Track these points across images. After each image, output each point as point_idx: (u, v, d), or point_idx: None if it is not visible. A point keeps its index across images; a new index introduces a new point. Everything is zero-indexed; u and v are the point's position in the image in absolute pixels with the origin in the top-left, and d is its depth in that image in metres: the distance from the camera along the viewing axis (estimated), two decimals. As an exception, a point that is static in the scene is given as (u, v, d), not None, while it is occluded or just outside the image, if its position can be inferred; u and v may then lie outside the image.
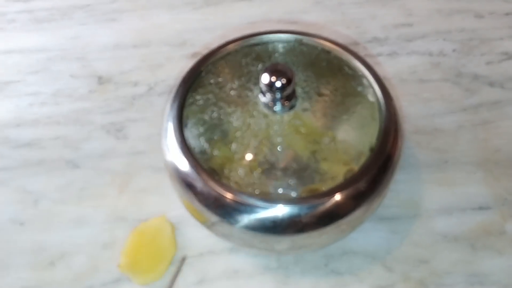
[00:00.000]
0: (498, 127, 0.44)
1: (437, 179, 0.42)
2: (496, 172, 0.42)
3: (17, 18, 0.55)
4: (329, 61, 0.37)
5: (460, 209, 0.40)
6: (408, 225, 0.40)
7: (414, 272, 0.38)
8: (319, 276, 0.38)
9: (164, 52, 0.51)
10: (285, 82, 0.32)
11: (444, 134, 0.44)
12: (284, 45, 0.38)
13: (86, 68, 0.50)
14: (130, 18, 0.54)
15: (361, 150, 0.33)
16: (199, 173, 0.32)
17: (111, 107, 0.47)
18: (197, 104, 0.35)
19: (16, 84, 0.50)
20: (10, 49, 0.52)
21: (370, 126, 0.34)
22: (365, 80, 0.36)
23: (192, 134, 0.34)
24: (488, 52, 0.49)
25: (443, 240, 0.39)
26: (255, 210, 0.31)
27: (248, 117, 0.34)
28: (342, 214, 0.32)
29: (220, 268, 0.38)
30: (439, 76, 0.48)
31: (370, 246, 0.39)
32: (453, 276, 0.37)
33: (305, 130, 0.34)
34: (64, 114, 0.47)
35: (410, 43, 0.50)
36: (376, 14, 0.53)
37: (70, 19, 0.54)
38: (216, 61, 0.37)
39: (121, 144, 0.45)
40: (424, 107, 0.46)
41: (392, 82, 0.47)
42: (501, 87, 0.47)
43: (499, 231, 0.39)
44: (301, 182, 0.32)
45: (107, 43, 0.52)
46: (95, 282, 0.38)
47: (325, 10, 0.53)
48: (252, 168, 0.33)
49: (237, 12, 0.54)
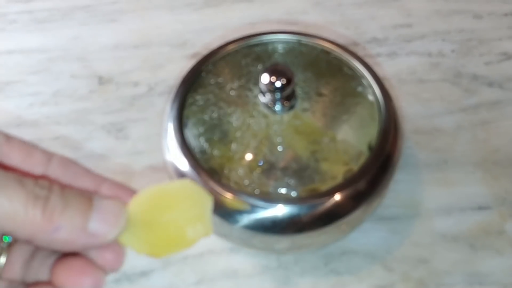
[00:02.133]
0: (497, 127, 0.44)
1: (437, 179, 0.42)
2: (495, 172, 0.42)
3: (17, 18, 0.55)
4: (328, 61, 0.37)
5: (460, 209, 0.40)
6: (407, 225, 0.40)
7: (414, 272, 0.38)
8: (319, 276, 0.38)
9: (164, 53, 0.51)
10: (285, 83, 0.32)
11: (444, 134, 0.44)
12: (284, 46, 0.38)
13: (86, 68, 0.50)
14: (130, 18, 0.54)
15: (360, 150, 0.33)
16: (199, 173, 0.32)
17: (111, 107, 0.47)
18: (197, 104, 0.36)
19: (16, 84, 0.50)
20: (11, 49, 0.52)
21: (370, 126, 0.34)
22: (364, 80, 0.36)
23: (192, 134, 0.34)
24: (487, 53, 0.49)
25: (443, 240, 0.39)
26: (255, 210, 0.31)
27: (248, 117, 0.34)
28: (342, 214, 0.32)
29: (219, 267, 0.38)
30: (438, 76, 0.48)
31: (370, 246, 0.39)
32: (453, 276, 0.37)
33: (304, 130, 0.34)
34: (64, 114, 0.47)
35: (409, 43, 0.50)
36: (375, 14, 0.53)
37: (71, 20, 0.54)
38: (216, 61, 0.37)
39: (121, 144, 0.45)
40: (423, 107, 0.46)
41: (391, 83, 0.47)
42: (500, 87, 0.47)
43: (499, 231, 0.39)
44: (300, 182, 0.32)
45: (108, 44, 0.52)
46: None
47: (324, 11, 0.53)
48: (252, 168, 0.33)
49: (237, 13, 0.54)
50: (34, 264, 0.24)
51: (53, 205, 0.21)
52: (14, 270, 0.24)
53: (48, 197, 0.21)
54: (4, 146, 0.24)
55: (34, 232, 0.20)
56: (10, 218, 0.20)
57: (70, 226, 0.21)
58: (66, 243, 0.21)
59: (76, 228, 0.21)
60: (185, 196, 0.25)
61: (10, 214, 0.20)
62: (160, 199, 0.25)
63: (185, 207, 0.25)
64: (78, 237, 0.21)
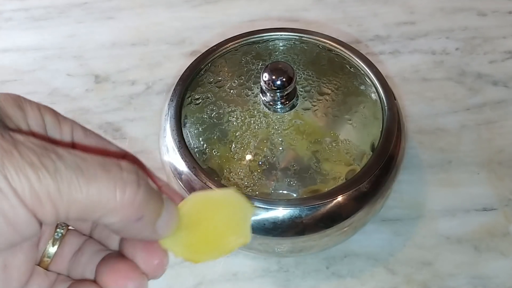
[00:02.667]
0: (502, 126, 0.44)
1: (441, 179, 0.41)
2: (500, 172, 0.42)
3: (13, 16, 0.54)
4: (330, 59, 0.37)
5: (464, 210, 0.40)
6: (411, 226, 0.39)
7: (417, 274, 0.37)
8: (320, 279, 0.37)
9: (162, 51, 0.51)
10: (286, 81, 0.32)
11: (448, 134, 0.44)
12: (285, 43, 0.37)
13: (83, 67, 0.50)
14: (128, 16, 0.54)
15: (363, 150, 0.33)
16: (197, 174, 0.31)
17: (108, 106, 0.47)
18: (196, 103, 0.35)
19: (12, 83, 0.49)
20: (7, 48, 0.52)
21: (373, 126, 0.34)
22: (367, 78, 0.35)
23: (191, 134, 0.34)
24: (492, 51, 0.49)
25: (447, 242, 0.38)
26: (255, 212, 0.31)
27: (248, 117, 0.34)
28: (344, 215, 0.32)
29: (219, 270, 0.38)
30: (442, 75, 0.47)
31: (372, 248, 0.38)
32: (457, 278, 0.37)
33: (306, 130, 0.33)
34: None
35: (413, 41, 0.50)
36: (378, 12, 0.52)
37: (67, 17, 0.54)
38: (215, 59, 0.37)
39: (118, 143, 0.44)
40: (427, 107, 0.45)
41: (394, 81, 0.47)
42: (504, 86, 0.47)
43: (503, 232, 0.39)
44: (302, 183, 0.32)
45: (105, 42, 0.52)
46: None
47: (326, 8, 0.53)
48: (252, 169, 0.32)
49: (236, 10, 0.53)
50: (82, 260, 0.25)
51: (142, 196, 0.21)
52: (62, 263, 0.25)
53: (138, 184, 0.21)
54: (84, 139, 0.25)
55: (121, 218, 0.20)
56: (101, 207, 0.20)
57: (148, 218, 0.21)
58: (138, 232, 0.22)
59: (150, 222, 0.22)
60: (227, 205, 0.26)
61: (102, 203, 0.20)
62: (203, 206, 0.26)
63: (227, 215, 0.26)
64: (147, 230, 0.22)
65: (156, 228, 0.22)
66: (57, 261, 0.24)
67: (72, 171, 0.19)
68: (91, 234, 0.26)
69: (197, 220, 0.25)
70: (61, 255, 0.25)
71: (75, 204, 0.19)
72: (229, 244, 0.26)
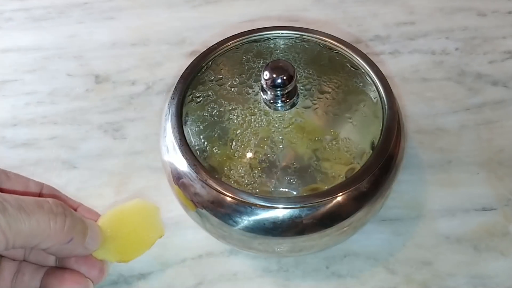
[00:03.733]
0: (501, 126, 0.44)
1: (440, 179, 0.41)
2: (500, 172, 0.42)
3: (13, 16, 0.54)
4: (331, 58, 0.37)
5: (463, 210, 0.40)
6: (410, 226, 0.39)
7: (417, 274, 0.37)
8: (320, 279, 0.37)
9: (162, 51, 0.51)
10: (287, 79, 0.32)
11: (447, 133, 0.44)
12: (286, 42, 0.37)
13: (83, 67, 0.50)
14: (128, 16, 0.54)
15: (363, 149, 0.33)
16: (198, 171, 0.31)
17: (108, 106, 0.47)
18: (197, 101, 0.35)
19: (12, 84, 0.49)
20: (7, 48, 0.52)
21: (373, 125, 0.34)
22: (367, 77, 0.35)
23: (192, 132, 0.33)
24: (491, 51, 0.49)
25: (446, 242, 0.38)
26: (255, 211, 0.31)
27: (248, 115, 0.34)
28: (344, 215, 0.32)
29: (218, 270, 0.38)
30: (442, 75, 0.47)
31: (372, 248, 0.38)
32: (456, 278, 0.37)
33: (306, 128, 0.33)
34: (61, 114, 0.47)
35: (413, 41, 0.50)
36: (378, 12, 0.52)
37: (67, 18, 0.54)
38: (216, 57, 0.37)
39: (118, 144, 0.45)
40: (427, 106, 0.45)
41: (394, 81, 0.47)
42: (504, 86, 0.47)
43: (503, 232, 0.39)
44: (302, 181, 0.32)
45: (105, 42, 0.52)
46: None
47: (326, 8, 0.53)
48: (253, 167, 0.32)
49: (236, 10, 0.53)
50: (25, 278, 0.30)
51: (69, 222, 0.27)
52: (5, 284, 0.29)
53: (65, 215, 0.27)
54: (6, 182, 0.31)
55: (55, 242, 0.26)
56: (39, 234, 0.25)
57: (77, 239, 0.28)
58: (70, 251, 0.28)
59: (80, 241, 0.28)
60: (138, 211, 0.33)
61: (40, 231, 0.25)
62: (119, 217, 0.32)
63: (140, 219, 0.33)
64: (78, 248, 0.28)
65: (86, 245, 0.28)
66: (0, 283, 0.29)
67: (16, 209, 0.24)
68: (26, 258, 0.31)
69: (117, 229, 0.32)
70: (3, 279, 0.29)
71: (20, 234, 0.24)
72: (149, 240, 0.33)
